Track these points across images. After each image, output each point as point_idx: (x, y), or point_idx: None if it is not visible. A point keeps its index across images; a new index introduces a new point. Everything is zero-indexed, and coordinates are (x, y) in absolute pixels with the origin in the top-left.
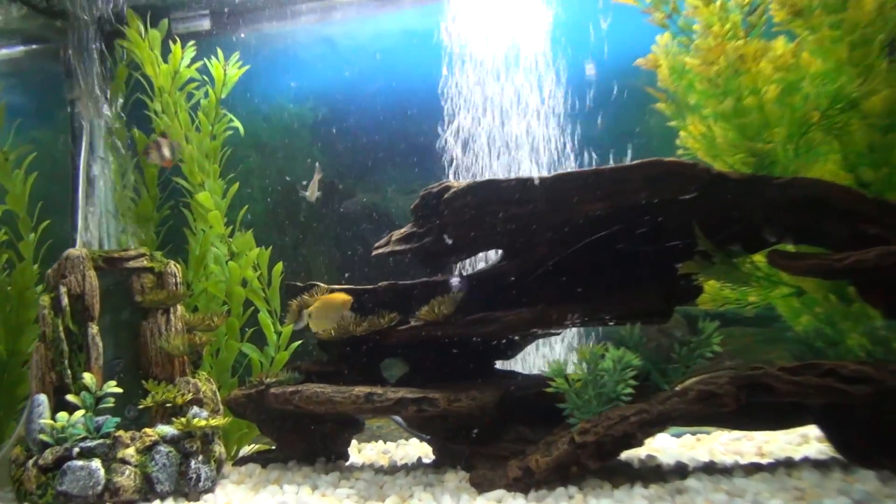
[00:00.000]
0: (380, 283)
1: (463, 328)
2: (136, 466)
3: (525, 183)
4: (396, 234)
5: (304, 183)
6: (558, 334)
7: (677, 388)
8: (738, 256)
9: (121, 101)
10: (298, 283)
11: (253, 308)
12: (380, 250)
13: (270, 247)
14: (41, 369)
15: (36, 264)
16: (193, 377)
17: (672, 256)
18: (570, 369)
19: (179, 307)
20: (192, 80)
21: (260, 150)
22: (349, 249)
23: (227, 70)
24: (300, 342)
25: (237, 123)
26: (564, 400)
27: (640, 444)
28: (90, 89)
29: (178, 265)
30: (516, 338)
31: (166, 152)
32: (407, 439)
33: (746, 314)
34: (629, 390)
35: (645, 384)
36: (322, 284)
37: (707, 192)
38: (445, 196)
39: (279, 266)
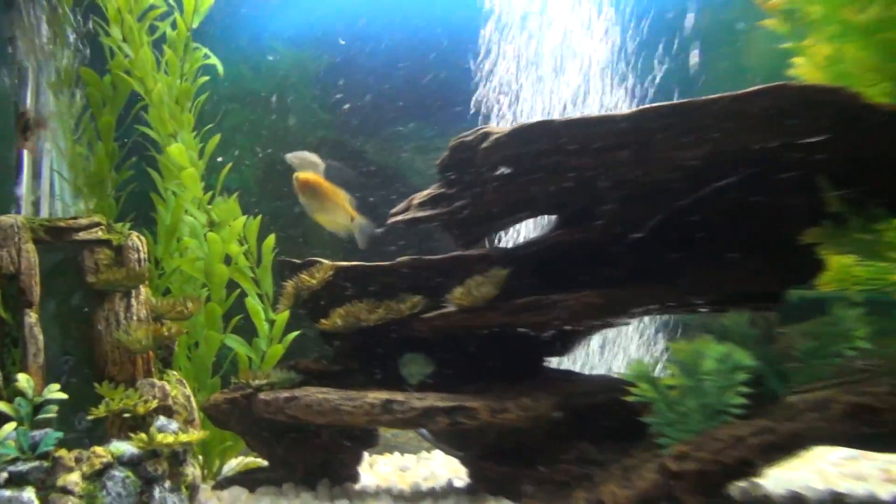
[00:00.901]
0: (399, 259)
1: (509, 316)
2: (81, 497)
3: (590, 123)
4: (419, 196)
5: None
6: (627, 324)
7: (808, 398)
8: (881, 221)
9: (72, 35)
10: (295, 260)
11: (239, 291)
12: (398, 217)
13: (259, 216)
14: None
15: None
16: (161, 378)
17: (786, 222)
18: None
19: (143, 290)
20: (152, 6)
21: (248, 103)
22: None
23: None
24: (298, 332)
25: (215, 60)
26: (646, 411)
27: (758, 474)
28: (34, 23)
29: (141, 237)
30: (575, 328)
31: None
32: (430, 451)
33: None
34: (741, 400)
35: (758, 392)
36: (324, 261)
37: (846, 132)
38: (483, 145)
39: (271, 239)
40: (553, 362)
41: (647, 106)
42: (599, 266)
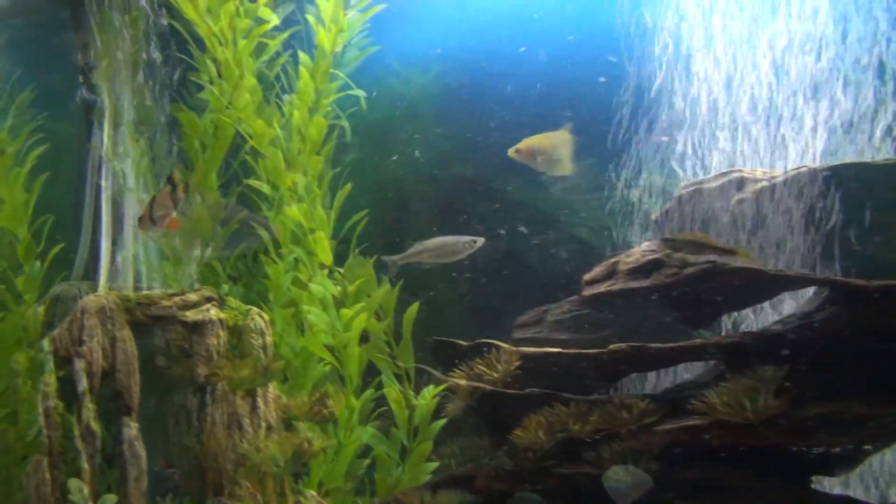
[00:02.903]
0: (613, 347)
1: (795, 435)
2: None
3: None
4: (554, 310)
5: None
6: None
7: None
8: None
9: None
10: (458, 342)
11: (378, 378)
12: (526, 333)
13: (399, 282)
14: (42, 499)
15: (41, 306)
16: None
17: None
18: None
19: (271, 387)
20: (260, 20)
21: (363, 134)
22: (510, 279)
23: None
24: (443, 419)
25: (358, 91)
26: None
27: None
28: (110, 49)
29: (264, 316)
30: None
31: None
32: None
33: None
34: None
35: None
36: (502, 344)
37: None
38: (739, 196)
39: (414, 308)
40: (824, 483)
41: None
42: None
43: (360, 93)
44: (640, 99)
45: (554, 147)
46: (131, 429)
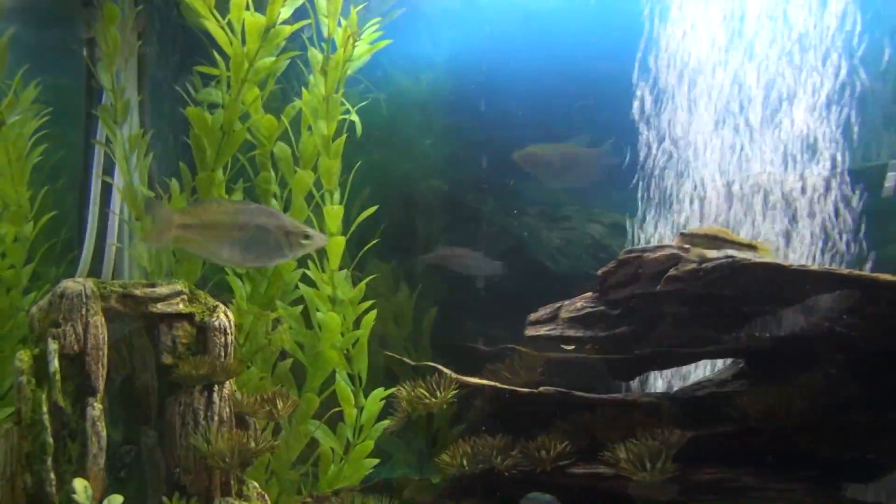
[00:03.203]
0: (543, 388)
1: (686, 496)
2: None
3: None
4: (568, 307)
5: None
6: None
7: None
8: None
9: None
10: (407, 361)
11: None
12: (539, 331)
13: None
14: (10, 467)
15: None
16: (241, 494)
17: None
18: None
19: (229, 384)
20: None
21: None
22: (473, 308)
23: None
24: (386, 421)
25: (354, 117)
26: None
27: None
28: (116, 43)
29: (229, 314)
30: None
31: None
32: None
33: None
34: None
35: None
36: (445, 370)
37: None
38: (672, 274)
39: (371, 316)
40: None
41: None
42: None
43: (355, 118)
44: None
45: (557, 156)
46: (95, 409)
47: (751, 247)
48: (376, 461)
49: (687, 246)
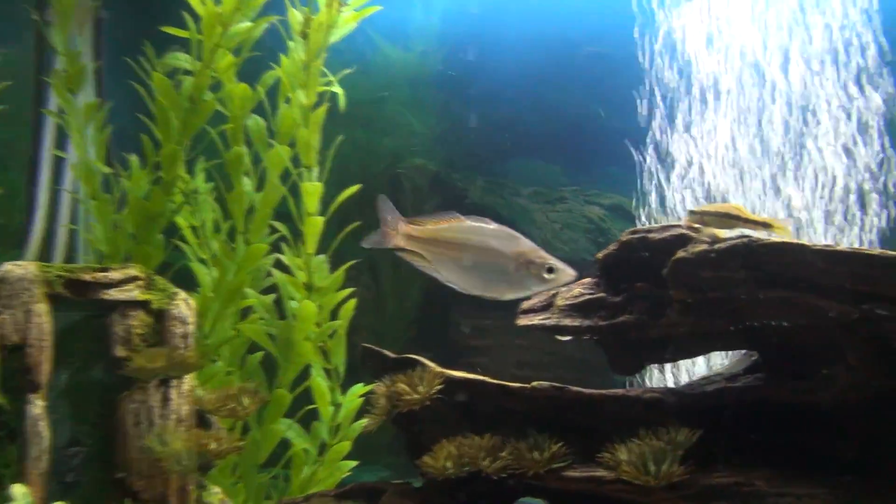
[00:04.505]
0: (535, 383)
1: (692, 501)
2: None
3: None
4: (565, 294)
5: None
6: None
7: None
8: None
9: None
10: (386, 353)
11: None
12: (533, 320)
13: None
14: None
15: None
16: (201, 499)
17: None
18: None
19: (189, 379)
20: None
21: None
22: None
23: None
24: (364, 420)
25: (337, 88)
26: None
27: None
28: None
29: (190, 302)
30: None
31: None
32: None
33: None
34: None
35: None
36: (429, 364)
37: None
38: (680, 256)
39: (351, 305)
40: None
41: None
42: (822, 439)
43: (338, 89)
44: None
45: None
46: (37, 407)
47: (766, 225)
48: (354, 463)
49: (697, 225)
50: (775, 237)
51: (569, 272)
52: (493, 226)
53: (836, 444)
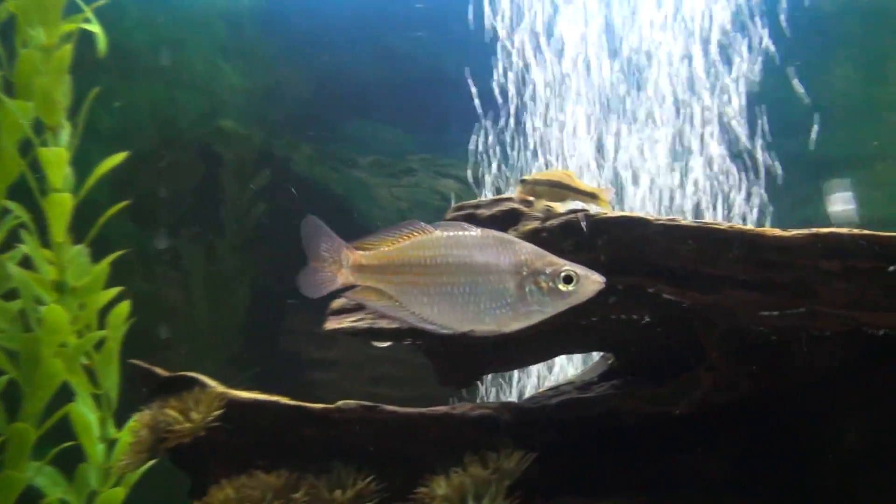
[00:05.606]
0: (342, 403)
1: None
2: None
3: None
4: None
5: None
6: None
7: None
8: None
9: None
10: (157, 370)
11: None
12: (343, 323)
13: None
14: None
15: None
16: None
17: None
18: None
19: None
20: None
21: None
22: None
23: None
24: (152, 462)
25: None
26: None
27: None
28: None
29: None
30: None
31: None
32: None
33: None
34: None
35: None
36: (210, 382)
37: None
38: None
39: (123, 307)
40: None
41: None
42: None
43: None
44: None
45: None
46: None
47: (592, 195)
48: None
49: (531, 198)
50: (602, 210)
51: (594, 278)
52: (474, 232)
53: (704, 462)
